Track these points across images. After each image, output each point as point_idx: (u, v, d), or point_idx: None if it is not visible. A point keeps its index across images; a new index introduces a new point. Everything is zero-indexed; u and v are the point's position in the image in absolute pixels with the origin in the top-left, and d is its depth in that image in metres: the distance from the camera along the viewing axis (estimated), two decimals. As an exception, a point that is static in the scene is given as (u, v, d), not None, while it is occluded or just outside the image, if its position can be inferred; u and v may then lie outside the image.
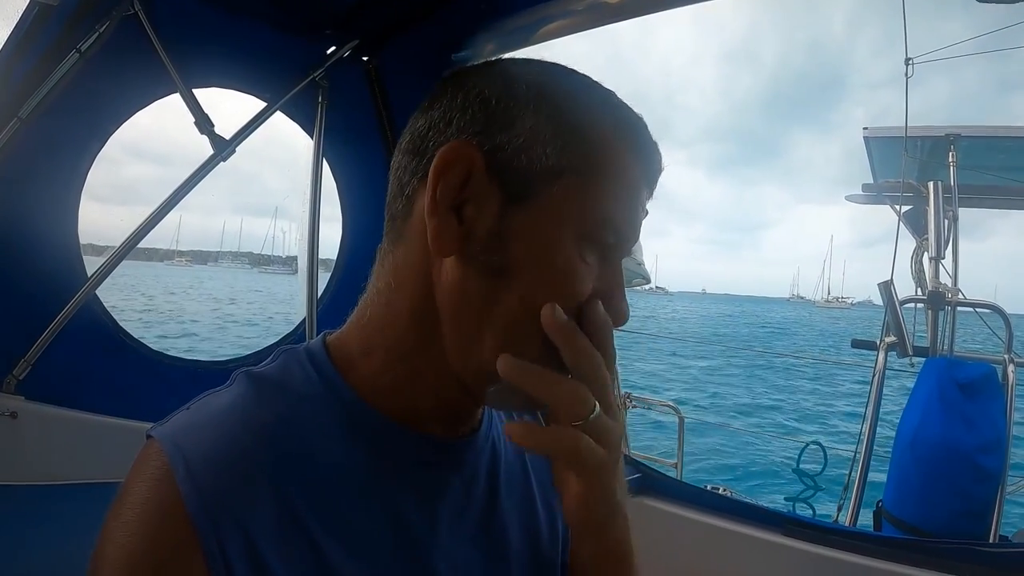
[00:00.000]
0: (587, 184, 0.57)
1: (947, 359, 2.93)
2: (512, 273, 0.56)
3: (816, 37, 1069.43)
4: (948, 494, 2.59)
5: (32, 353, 1.51)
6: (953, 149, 3.82)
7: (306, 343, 0.65)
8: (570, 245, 0.56)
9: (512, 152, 0.56)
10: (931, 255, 3.34)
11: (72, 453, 1.57)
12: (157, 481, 0.51)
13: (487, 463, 0.69)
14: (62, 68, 1.45)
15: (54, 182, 1.55)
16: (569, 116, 0.58)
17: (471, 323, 0.58)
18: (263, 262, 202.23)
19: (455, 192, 0.56)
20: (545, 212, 0.56)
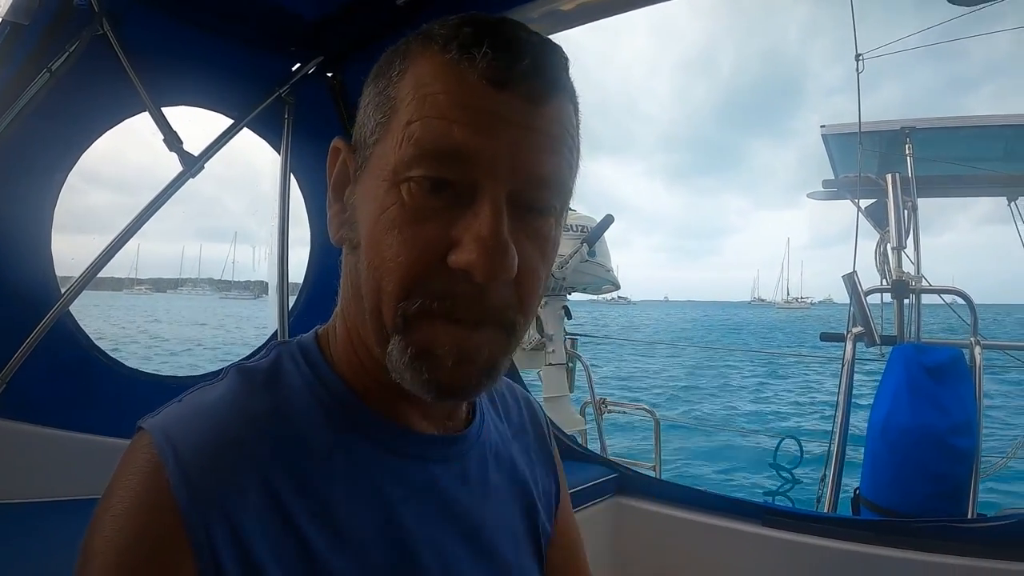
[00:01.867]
0: (396, 124, 0.54)
1: (914, 345, 2.98)
2: (362, 246, 0.57)
3: (771, 45, 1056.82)
4: (923, 477, 2.63)
5: (6, 371, 1.50)
6: (909, 141, 3.92)
7: (299, 338, 0.66)
8: (392, 194, 0.53)
9: (358, 130, 0.59)
10: (893, 245, 3.43)
11: (47, 470, 1.57)
12: (146, 472, 0.50)
13: (477, 459, 0.69)
14: (33, 87, 1.48)
15: (26, 199, 1.57)
16: (387, 75, 0.57)
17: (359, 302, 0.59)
18: (224, 288, 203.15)
19: (339, 183, 0.61)
20: (373, 171, 0.56)
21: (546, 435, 0.84)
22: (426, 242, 0.52)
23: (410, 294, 0.53)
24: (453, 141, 0.51)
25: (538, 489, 0.78)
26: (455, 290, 0.53)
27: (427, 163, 0.51)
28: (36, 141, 1.55)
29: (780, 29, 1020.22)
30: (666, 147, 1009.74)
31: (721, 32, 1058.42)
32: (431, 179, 0.52)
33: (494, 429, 0.75)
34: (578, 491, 2.02)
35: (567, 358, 3.70)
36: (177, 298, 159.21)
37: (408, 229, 0.52)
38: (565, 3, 1.60)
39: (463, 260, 0.51)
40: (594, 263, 3.54)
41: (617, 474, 2.19)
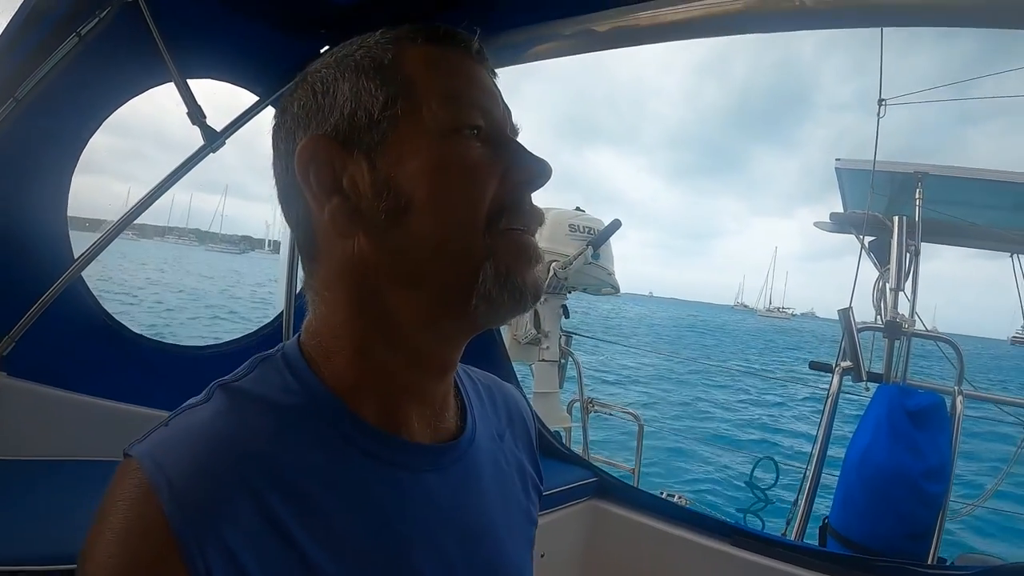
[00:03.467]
0: (417, 94, 0.60)
1: (899, 387, 3.01)
2: (410, 204, 0.59)
3: (786, 57, 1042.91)
4: (891, 516, 2.69)
5: (17, 330, 1.53)
6: (920, 187, 3.94)
7: (282, 348, 0.65)
8: (440, 146, 0.60)
9: (349, 116, 0.60)
10: (891, 286, 3.46)
11: (52, 430, 1.60)
12: (138, 500, 0.50)
13: (471, 464, 0.69)
14: (61, 51, 1.47)
15: (46, 164, 1.58)
16: (369, 60, 0.62)
17: (412, 272, 0.61)
18: (209, 239, 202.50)
19: (328, 177, 0.61)
20: (402, 139, 0.60)
21: (530, 429, 0.86)
22: (489, 173, 0.61)
23: (492, 219, 0.61)
24: (479, 97, 0.63)
25: (526, 481, 0.79)
26: (523, 206, 0.63)
27: (469, 115, 0.61)
28: (61, 104, 1.55)
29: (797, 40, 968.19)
30: (671, 145, 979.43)
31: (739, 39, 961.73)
32: (473, 127, 0.61)
33: (485, 427, 0.75)
34: (557, 492, 2.07)
35: (560, 355, 3.73)
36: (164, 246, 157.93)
37: (474, 167, 0.60)
38: (599, 24, 1.60)
39: (528, 173, 0.64)
40: (597, 266, 3.54)
41: (597, 478, 2.23)
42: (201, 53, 1.77)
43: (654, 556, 2.05)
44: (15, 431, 1.55)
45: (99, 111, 1.65)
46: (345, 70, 0.62)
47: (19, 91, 1.44)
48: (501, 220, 0.61)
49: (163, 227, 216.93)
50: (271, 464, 0.55)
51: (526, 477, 0.80)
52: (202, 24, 1.73)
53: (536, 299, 0.64)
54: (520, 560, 0.73)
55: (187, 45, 1.68)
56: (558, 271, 3.42)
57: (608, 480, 2.25)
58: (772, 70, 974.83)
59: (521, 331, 3.55)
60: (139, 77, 1.69)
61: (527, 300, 0.62)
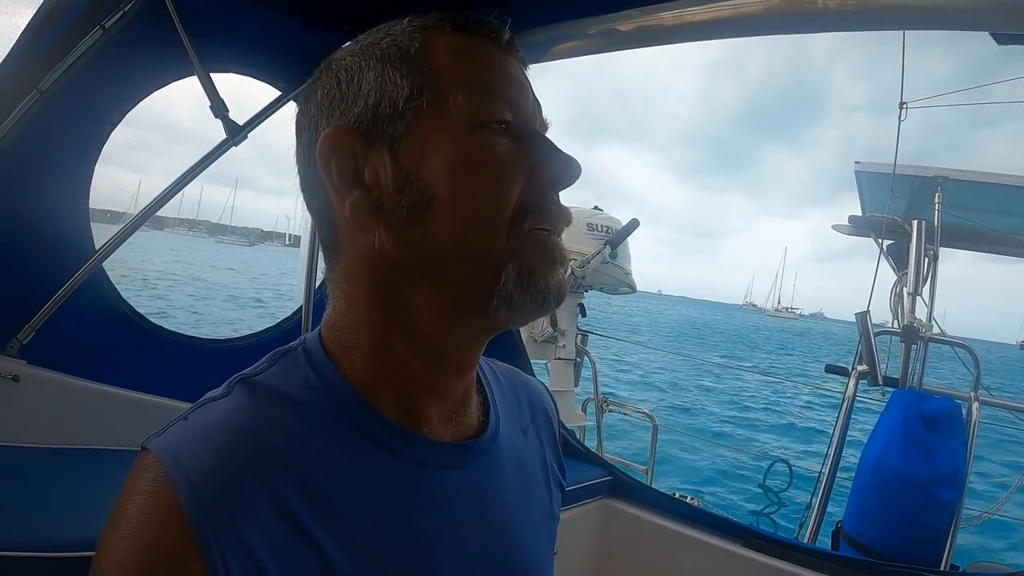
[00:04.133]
0: (444, 85, 0.59)
1: (914, 392, 3.00)
2: (434, 200, 0.58)
3: (800, 57, 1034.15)
4: (904, 522, 2.68)
5: (37, 319, 1.54)
6: (940, 191, 3.91)
7: (303, 341, 0.64)
8: (466, 140, 0.58)
9: (373, 107, 0.59)
10: (909, 290, 3.43)
11: (70, 419, 1.61)
12: (156, 494, 0.49)
13: (496, 466, 0.68)
14: (85, 43, 1.48)
15: (69, 155, 1.59)
16: (395, 50, 0.60)
17: (433, 269, 0.60)
18: (219, 231, 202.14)
19: (349, 170, 0.60)
20: (428, 132, 0.58)
21: (554, 424, 0.86)
22: (516, 171, 0.60)
23: (517, 218, 0.59)
24: (507, 91, 0.61)
25: (549, 477, 0.79)
26: (549, 206, 0.62)
27: (496, 109, 0.60)
28: (84, 96, 1.56)
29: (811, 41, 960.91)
30: (683, 143, 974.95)
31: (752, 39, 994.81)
32: (502, 121, 0.60)
33: (508, 423, 0.74)
34: (571, 490, 2.05)
35: (576, 354, 3.74)
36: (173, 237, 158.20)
37: (500, 163, 0.59)
38: (623, 23, 1.59)
39: (555, 172, 0.62)
40: (615, 265, 3.54)
41: (611, 477, 2.23)
42: (224, 47, 1.77)
43: (666, 556, 2.05)
44: (35, 419, 1.57)
45: (122, 103, 1.65)
46: (370, 59, 0.61)
47: (43, 82, 1.45)
48: (527, 220, 0.60)
49: (174, 219, 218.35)
50: (290, 460, 0.55)
51: (549, 473, 0.79)
52: (225, 18, 1.73)
53: (559, 302, 0.63)
54: (542, 558, 0.72)
55: (210, 39, 1.68)
56: (576, 270, 3.43)
57: (622, 479, 2.25)
58: (785, 70, 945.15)
59: (538, 329, 3.57)
60: (162, 70, 1.69)
61: (550, 303, 0.61)
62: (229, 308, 25.20)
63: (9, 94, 1.42)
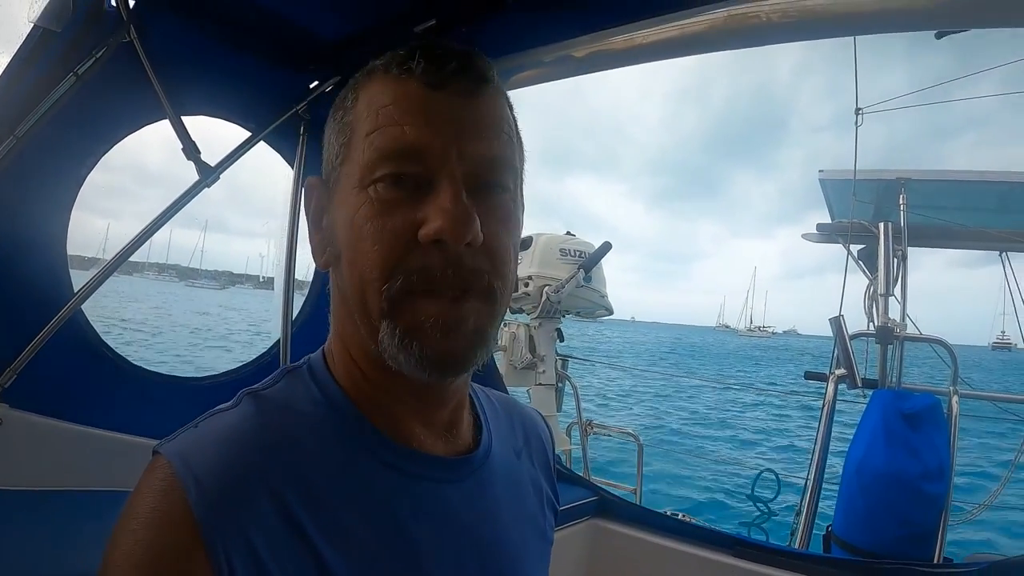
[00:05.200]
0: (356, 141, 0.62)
1: (893, 391, 3.03)
2: (342, 254, 0.63)
3: (764, 81, 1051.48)
4: (893, 520, 2.69)
5: (18, 363, 1.54)
6: (903, 192, 3.99)
7: (308, 360, 0.68)
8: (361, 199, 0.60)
9: (327, 161, 0.66)
10: (880, 292, 3.49)
11: (54, 461, 1.61)
12: (165, 493, 0.52)
13: (487, 477, 0.70)
14: (59, 90, 1.51)
15: (45, 199, 1.61)
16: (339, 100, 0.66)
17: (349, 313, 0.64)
18: (190, 275, 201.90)
19: (316, 215, 0.68)
20: (343, 187, 0.63)
21: (548, 449, 0.88)
22: (397, 226, 0.58)
23: (391, 276, 0.58)
24: (407, 139, 0.58)
25: (542, 499, 0.81)
26: (432, 263, 0.58)
27: (388, 163, 0.58)
28: (58, 142, 1.58)
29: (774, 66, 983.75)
30: (651, 171, 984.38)
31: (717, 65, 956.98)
32: (393, 175, 0.58)
33: (501, 444, 0.76)
34: (559, 511, 2.06)
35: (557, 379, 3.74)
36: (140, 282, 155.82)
37: (379, 220, 0.58)
38: (577, 50, 1.65)
39: (433, 229, 0.57)
40: (589, 288, 3.57)
41: (597, 496, 2.23)
42: (194, 90, 1.80)
43: (655, 572, 2.04)
44: (17, 462, 1.56)
45: (97, 147, 1.68)
46: (335, 111, 0.67)
47: (19, 129, 1.47)
48: (398, 282, 0.58)
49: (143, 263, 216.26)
50: (293, 468, 0.57)
51: (542, 495, 0.81)
52: (195, 61, 1.78)
53: (452, 371, 0.60)
54: (534, 574, 0.74)
55: (180, 82, 1.72)
56: (551, 295, 3.45)
57: (609, 498, 2.25)
58: (749, 95, 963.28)
59: (517, 356, 3.57)
60: (135, 114, 1.72)
61: (434, 369, 0.59)
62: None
63: (-15, 144, 1.45)
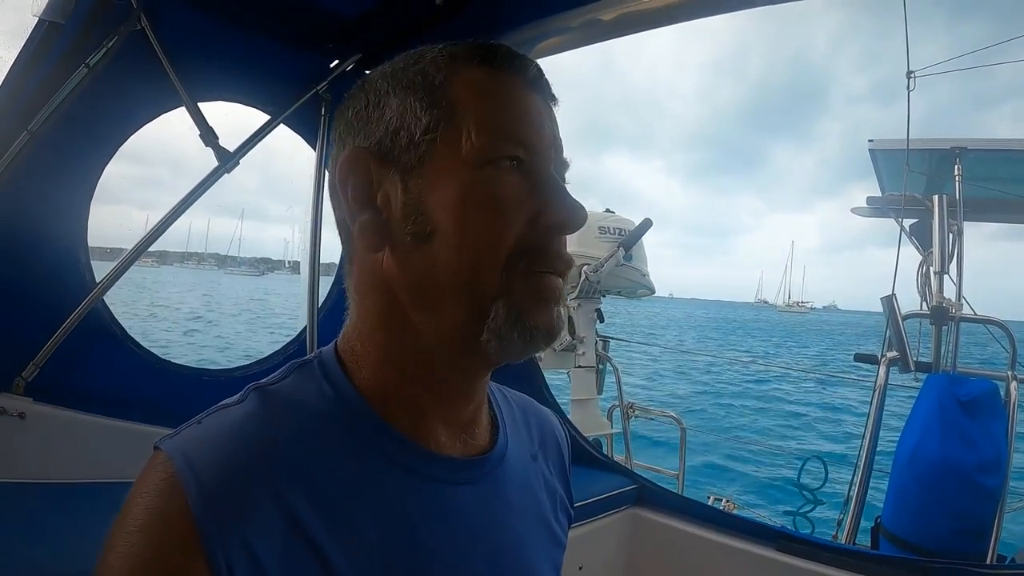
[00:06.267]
0: (460, 120, 0.60)
1: (948, 375, 2.88)
2: (436, 231, 0.59)
3: (800, 50, 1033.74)
4: (946, 513, 2.57)
5: (41, 356, 1.55)
6: (958, 162, 3.77)
7: (319, 354, 0.66)
8: (473, 176, 0.59)
9: (392, 133, 0.61)
10: (935, 269, 3.32)
11: (76, 454, 1.61)
12: (164, 492, 0.50)
13: (501, 479, 0.69)
14: (71, 82, 1.49)
15: (64, 192, 1.60)
16: (422, 79, 0.62)
17: (429, 295, 0.61)
18: (228, 263, 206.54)
19: (363, 192, 0.61)
20: (438, 164, 0.59)
21: (564, 452, 0.86)
22: (518, 211, 0.60)
23: (514, 258, 0.59)
24: (525, 129, 0.61)
25: (556, 504, 0.79)
26: (558, 248, 0.62)
27: (511, 146, 0.60)
28: (74, 135, 1.57)
29: (810, 35, 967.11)
30: (687, 145, 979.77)
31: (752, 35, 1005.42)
32: (511, 158, 0.60)
33: (517, 446, 0.75)
34: (596, 501, 2.03)
35: (597, 360, 3.66)
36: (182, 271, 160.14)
37: (502, 200, 0.59)
38: (605, 12, 1.56)
39: (562, 219, 0.62)
40: (630, 267, 3.47)
41: (637, 485, 2.19)
42: (210, 74, 1.77)
43: (696, 564, 2.00)
44: (40, 455, 1.57)
45: (113, 139, 1.66)
46: (397, 85, 0.62)
47: (32, 124, 1.46)
48: (523, 261, 0.60)
49: (182, 253, 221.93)
50: (300, 467, 0.55)
51: (556, 500, 0.79)
52: (209, 46, 1.74)
53: (550, 341, 0.64)
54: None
55: (195, 68, 1.69)
56: (590, 275, 3.36)
57: (649, 487, 2.21)
58: (787, 65, 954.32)
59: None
60: (151, 103, 1.70)
61: (538, 342, 0.62)
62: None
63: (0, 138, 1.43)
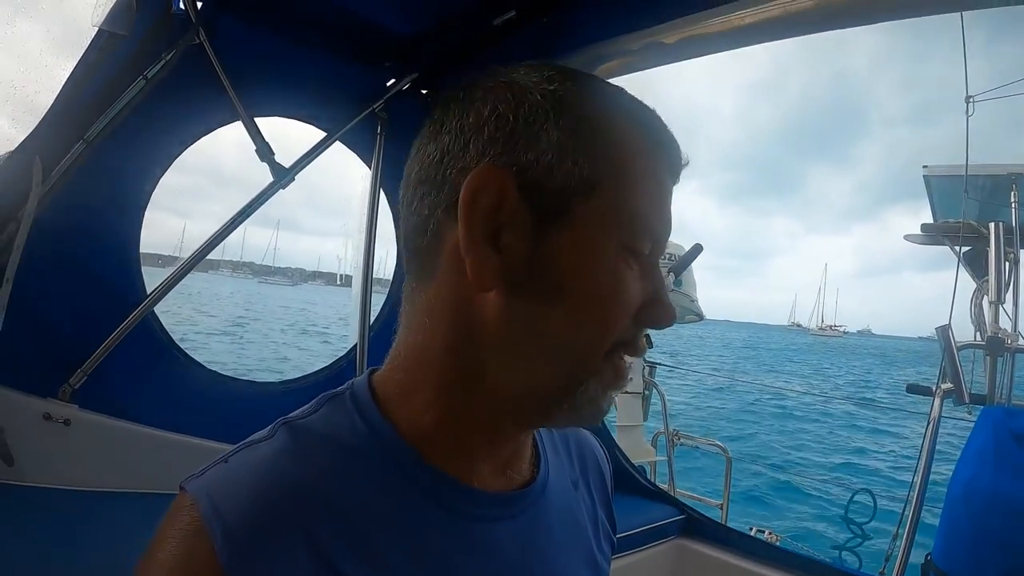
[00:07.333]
0: (621, 192, 0.55)
1: (1004, 408, 2.80)
2: (560, 296, 0.54)
3: (840, 72, 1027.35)
4: (1001, 550, 2.45)
5: (89, 364, 1.55)
6: (1015, 188, 3.67)
7: (351, 386, 0.62)
8: (614, 258, 0.55)
9: (542, 170, 0.53)
10: (991, 299, 3.23)
11: (120, 463, 1.60)
12: (190, 538, 0.48)
13: (542, 512, 0.66)
14: (128, 94, 1.51)
15: (118, 202, 1.61)
16: (591, 123, 0.55)
17: (525, 351, 0.56)
18: (265, 272, 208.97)
19: (489, 221, 0.53)
20: (585, 229, 0.54)
21: (606, 476, 0.83)
22: (632, 303, 0.58)
23: (615, 342, 0.57)
24: (660, 230, 0.59)
25: (599, 532, 0.76)
26: (639, 342, 0.61)
27: (647, 243, 0.58)
28: (129, 145, 1.58)
29: (849, 57, 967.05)
30: (724, 166, 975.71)
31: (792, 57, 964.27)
32: (643, 254, 0.58)
33: (559, 475, 0.72)
34: (642, 531, 1.99)
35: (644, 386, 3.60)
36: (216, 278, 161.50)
37: (627, 289, 0.57)
38: (666, 36, 1.54)
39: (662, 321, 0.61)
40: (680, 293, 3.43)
41: (684, 516, 2.15)
42: (266, 90, 1.78)
43: (743, 599, 1.93)
44: (86, 462, 1.56)
45: (168, 150, 1.67)
46: (563, 114, 0.54)
47: (88, 133, 1.47)
48: (619, 349, 0.59)
49: (219, 260, 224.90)
50: (333, 508, 0.53)
51: (599, 527, 0.76)
52: (266, 61, 1.75)
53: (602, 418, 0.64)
54: None
55: (252, 83, 1.70)
56: (642, 300, 3.32)
57: (696, 518, 2.16)
58: (825, 87, 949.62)
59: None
60: (206, 117, 1.71)
61: (598, 418, 0.62)
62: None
63: (56, 145, 1.45)
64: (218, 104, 1.66)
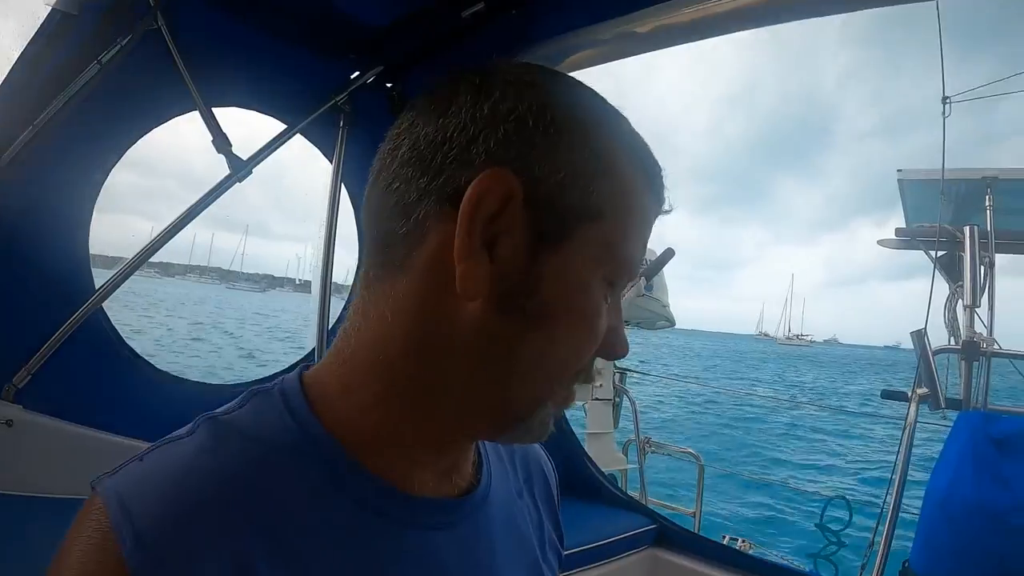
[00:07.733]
0: (619, 227, 0.54)
1: (981, 413, 2.79)
2: (544, 320, 0.52)
3: (810, 87, 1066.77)
4: (980, 557, 2.45)
5: (33, 363, 1.48)
6: (990, 192, 3.69)
7: (280, 382, 0.58)
8: (598, 289, 0.54)
9: (553, 187, 0.50)
10: (966, 303, 3.23)
11: (65, 466, 1.51)
12: (97, 545, 0.45)
13: (485, 526, 0.63)
14: (81, 79, 1.44)
15: (67, 193, 1.53)
16: (606, 153, 0.53)
17: (497, 369, 0.53)
18: (231, 278, 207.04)
19: (489, 225, 0.49)
20: (578, 256, 0.52)
21: (552, 486, 0.81)
22: (602, 334, 0.57)
23: (579, 369, 0.57)
24: (638, 260, 0.59)
25: (544, 542, 0.74)
26: (592, 365, 0.61)
27: (627, 278, 0.58)
28: (81, 133, 1.51)
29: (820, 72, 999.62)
30: (695, 178, 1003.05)
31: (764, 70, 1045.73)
32: (618, 287, 0.58)
33: (502, 483, 0.70)
34: (614, 541, 1.96)
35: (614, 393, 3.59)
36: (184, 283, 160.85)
37: (601, 324, 0.56)
38: (640, 25, 1.51)
39: (619, 352, 0.62)
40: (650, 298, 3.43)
41: (656, 525, 2.11)
42: (226, 79, 1.72)
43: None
44: (29, 466, 1.49)
45: (122, 140, 1.60)
46: (583, 136, 0.52)
47: (38, 119, 1.40)
48: (579, 376, 0.59)
49: (185, 265, 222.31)
50: (255, 510, 0.49)
51: (544, 538, 0.74)
52: (227, 49, 1.70)
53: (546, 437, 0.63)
54: None
55: (211, 71, 1.65)
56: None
57: (668, 527, 2.13)
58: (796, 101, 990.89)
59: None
60: (163, 106, 1.65)
61: (545, 436, 0.61)
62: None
63: (4, 131, 1.38)
64: (175, 92, 1.60)
